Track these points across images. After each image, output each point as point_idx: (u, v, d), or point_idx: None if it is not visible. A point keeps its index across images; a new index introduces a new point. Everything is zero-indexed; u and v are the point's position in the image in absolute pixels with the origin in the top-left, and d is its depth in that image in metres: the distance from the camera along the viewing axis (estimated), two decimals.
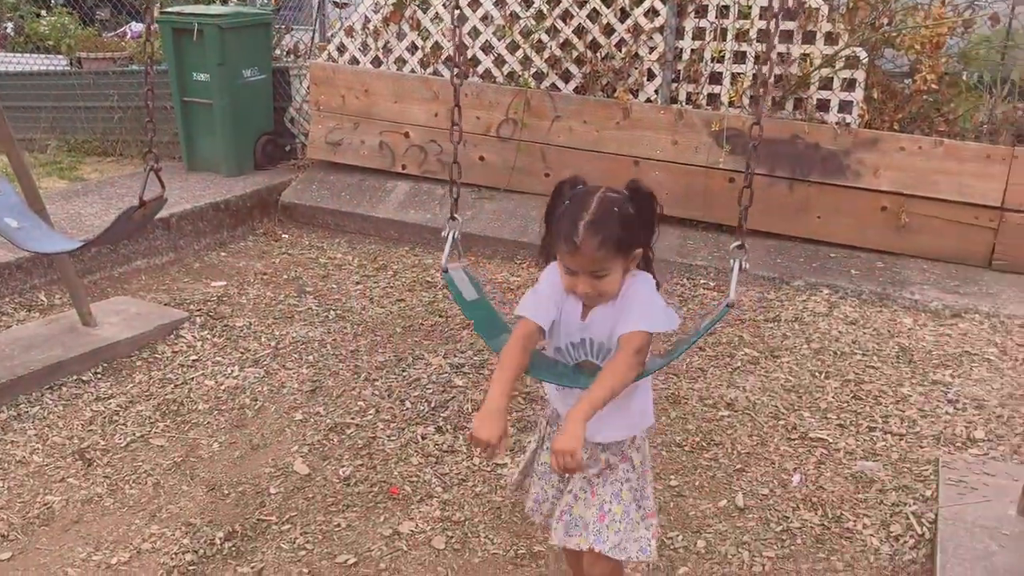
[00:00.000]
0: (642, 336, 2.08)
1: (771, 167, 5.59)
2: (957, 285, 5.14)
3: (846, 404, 3.93)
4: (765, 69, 2.61)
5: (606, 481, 2.26)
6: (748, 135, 2.59)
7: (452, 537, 3.04)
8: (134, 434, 3.66)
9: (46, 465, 3.44)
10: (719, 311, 2.30)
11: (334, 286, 5.33)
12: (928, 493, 3.27)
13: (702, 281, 5.36)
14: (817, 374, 4.20)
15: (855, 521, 3.14)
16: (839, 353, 4.41)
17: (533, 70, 6.27)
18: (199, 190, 6.37)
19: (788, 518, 3.16)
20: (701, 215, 5.78)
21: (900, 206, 5.36)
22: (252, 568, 2.88)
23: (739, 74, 5.83)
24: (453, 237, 2.56)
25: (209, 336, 4.53)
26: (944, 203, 5.29)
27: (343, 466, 3.44)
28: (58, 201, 6.00)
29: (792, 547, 3.01)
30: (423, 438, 3.64)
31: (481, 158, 6.32)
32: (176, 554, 2.94)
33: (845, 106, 5.68)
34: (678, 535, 3.07)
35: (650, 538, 2.27)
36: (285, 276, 5.51)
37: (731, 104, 5.81)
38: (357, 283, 5.39)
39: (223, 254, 5.95)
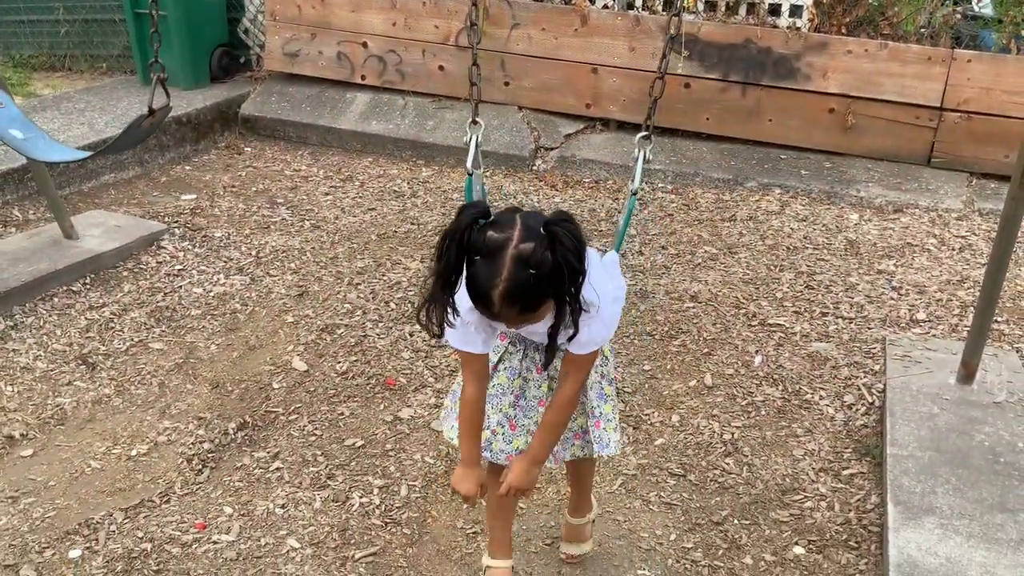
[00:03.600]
0: (591, 357, 2.05)
1: (725, 72, 5.79)
2: (899, 182, 5.46)
3: (800, 293, 4.24)
4: None
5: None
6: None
7: None
8: (132, 339, 3.81)
9: (51, 370, 3.58)
10: (628, 202, 2.44)
11: (304, 197, 5.44)
12: (876, 368, 3.61)
13: (660, 184, 5.59)
14: (772, 267, 4.50)
15: (812, 394, 3.47)
16: (792, 248, 4.72)
17: None
18: None
19: (752, 393, 3.47)
20: (657, 120, 5.94)
21: (847, 108, 5.62)
22: (268, 453, 3.10)
23: None
24: (476, 141, 2.52)
25: (190, 247, 4.64)
26: (888, 104, 5.56)
27: (339, 362, 3.65)
28: None
29: (757, 417, 3.33)
30: (411, 335, 3.85)
31: (441, 67, 6.39)
32: (193, 444, 3.14)
33: (795, 10, 5.88)
34: (654, 411, 3.36)
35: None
36: (254, 188, 5.59)
37: (687, 10, 5.96)
38: (326, 194, 5.51)
39: (188, 168, 5.98)
